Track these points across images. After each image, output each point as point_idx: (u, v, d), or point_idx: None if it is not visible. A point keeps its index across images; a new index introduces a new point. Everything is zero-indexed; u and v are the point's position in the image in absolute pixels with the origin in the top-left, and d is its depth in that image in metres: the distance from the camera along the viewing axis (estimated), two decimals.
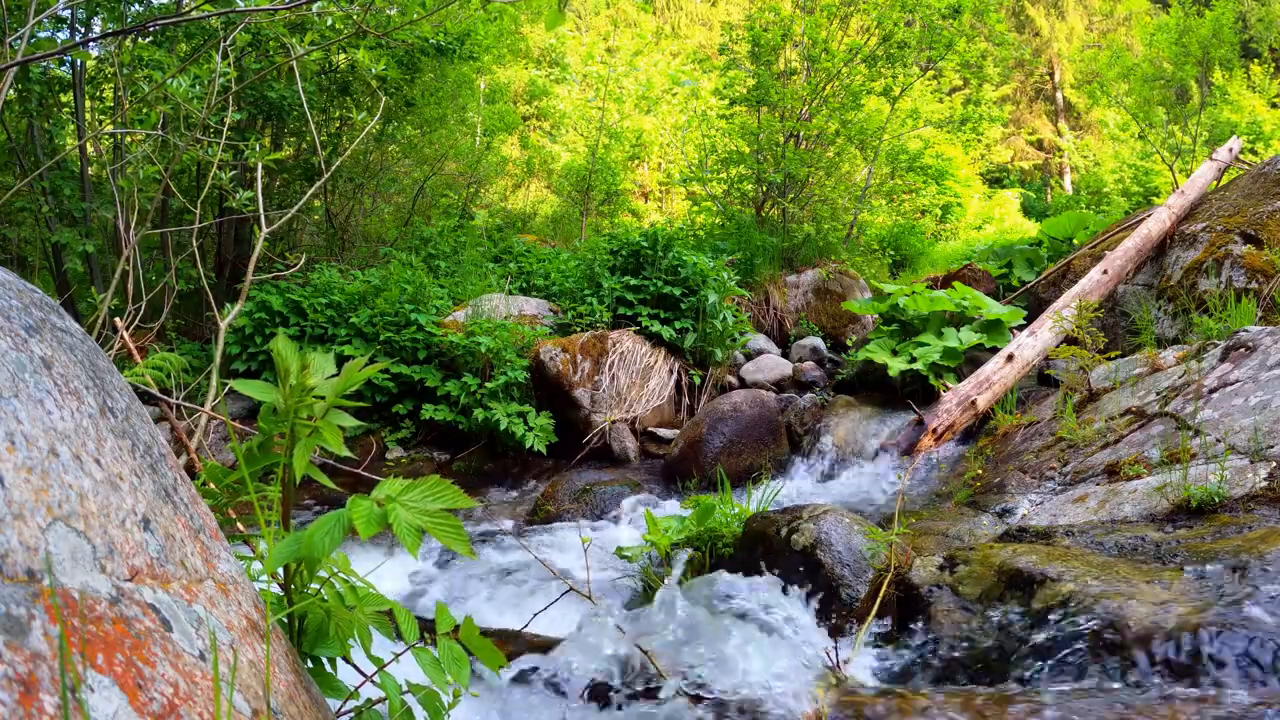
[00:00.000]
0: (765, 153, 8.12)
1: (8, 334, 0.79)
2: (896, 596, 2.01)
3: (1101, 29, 21.37)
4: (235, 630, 0.87)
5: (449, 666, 1.10)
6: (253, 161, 3.26)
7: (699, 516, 2.73)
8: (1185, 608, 1.52)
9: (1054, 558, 1.86)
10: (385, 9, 4.25)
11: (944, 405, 4.29)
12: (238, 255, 6.83)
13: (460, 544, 1.04)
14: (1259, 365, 3.17)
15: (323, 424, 1.10)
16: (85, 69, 5.83)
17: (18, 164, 5.79)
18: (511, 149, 12.46)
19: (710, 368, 5.67)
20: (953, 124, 10.63)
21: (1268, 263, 4.70)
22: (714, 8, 22.51)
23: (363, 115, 6.52)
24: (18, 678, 0.56)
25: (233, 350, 5.28)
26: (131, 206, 3.34)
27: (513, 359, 4.99)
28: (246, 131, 6.06)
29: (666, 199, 15.36)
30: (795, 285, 7.36)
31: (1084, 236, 7.49)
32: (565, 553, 3.19)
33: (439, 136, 8.08)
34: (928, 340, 5.20)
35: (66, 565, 0.68)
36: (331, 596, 1.10)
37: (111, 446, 0.83)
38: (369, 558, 3.12)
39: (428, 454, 5.07)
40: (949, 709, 1.45)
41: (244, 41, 5.48)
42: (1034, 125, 22.60)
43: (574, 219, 11.18)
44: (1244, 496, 2.26)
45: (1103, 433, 3.38)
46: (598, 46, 15.96)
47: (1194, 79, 9.97)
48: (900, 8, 7.92)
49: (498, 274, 6.88)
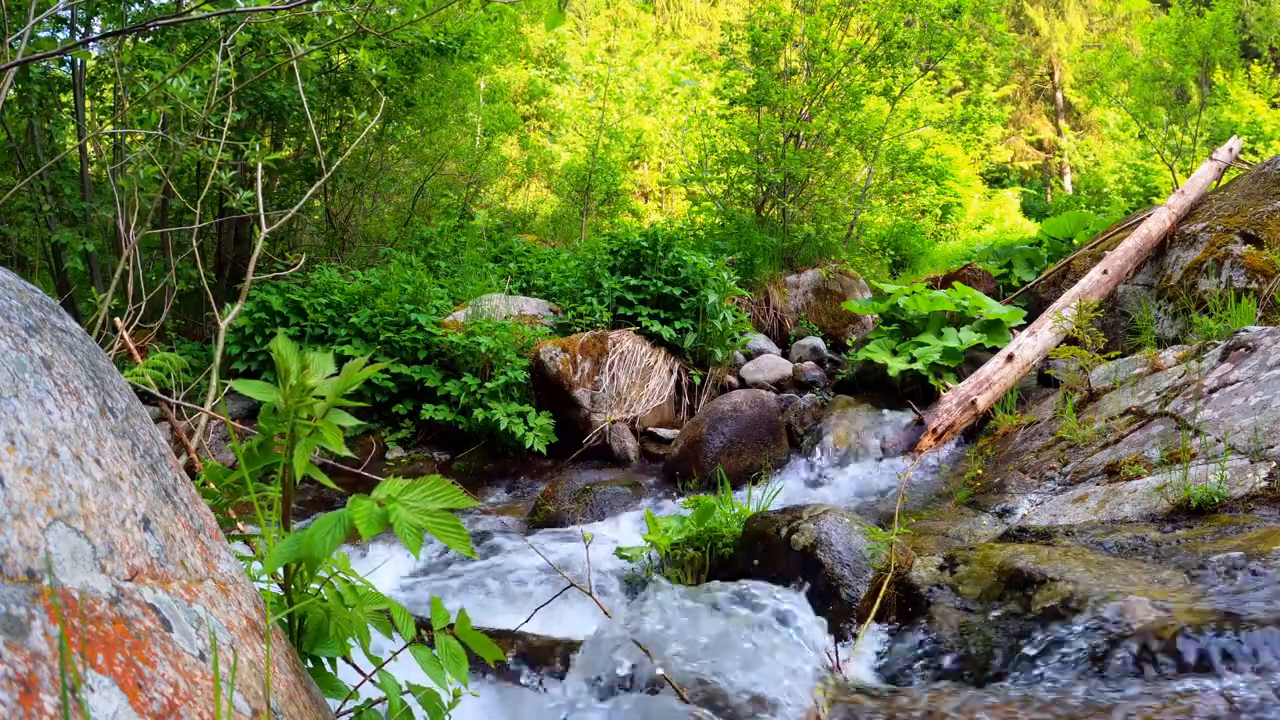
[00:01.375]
0: (765, 153, 8.12)
1: (8, 334, 0.79)
2: (897, 596, 2.01)
3: (1101, 29, 21.37)
4: (235, 630, 0.87)
5: (448, 664, 1.10)
6: (253, 161, 3.26)
7: (699, 516, 2.73)
8: (1185, 607, 1.52)
9: (1054, 558, 1.86)
10: (385, 9, 4.24)
11: (944, 405, 4.29)
12: (238, 255, 6.83)
13: (461, 543, 1.04)
14: (1259, 365, 3.17)
15: (323, 424, 1.10)
16: (85, 69, 5.83)
17: (18, 164, 5.79)
18: (511, 149, 12.46)
19: (710, 368, 5.67)
20: (953, 124, 10.63)
21: (1268, 263, 4.70)
22: (714, 8, 22.51)
23: (363, 115, 6.52)
24: (18, 678, 0.56)
25: (233, 350, 5.28)
26: (131, 206, 3.34)
27: (513, 359, 4.99)
28: (246, 131, 6.06)
29: (666, 199, 15.36)
30: (795, 285, 7.36)
31: (1084, 236, 7.49)
32: (565, 552, 3.19)
33: (439, 136, 8.08)
34: (928, 340, 5.20)
35: (66, 565, 0.68)
36: (331, 596, 1.10)
37: (111, 446, 0.83)
38: (370, 558, 3.12)
39: (428, 454, 5.07)
40: (949, 709, 1.45)
41: (244, 41, 5.48)
42: (1034, 125, 22.60)
43: (574, 219, 11.18)
44: (1244, 496, 2.26)
45: (1103, 433, 3.38)
46: (598, 46, 15.96)
47: (1194, 79, 9.97)
48: (900, 8, 7.92)
49: (498, 274, 6.88)
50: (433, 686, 1.09)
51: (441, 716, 1.10)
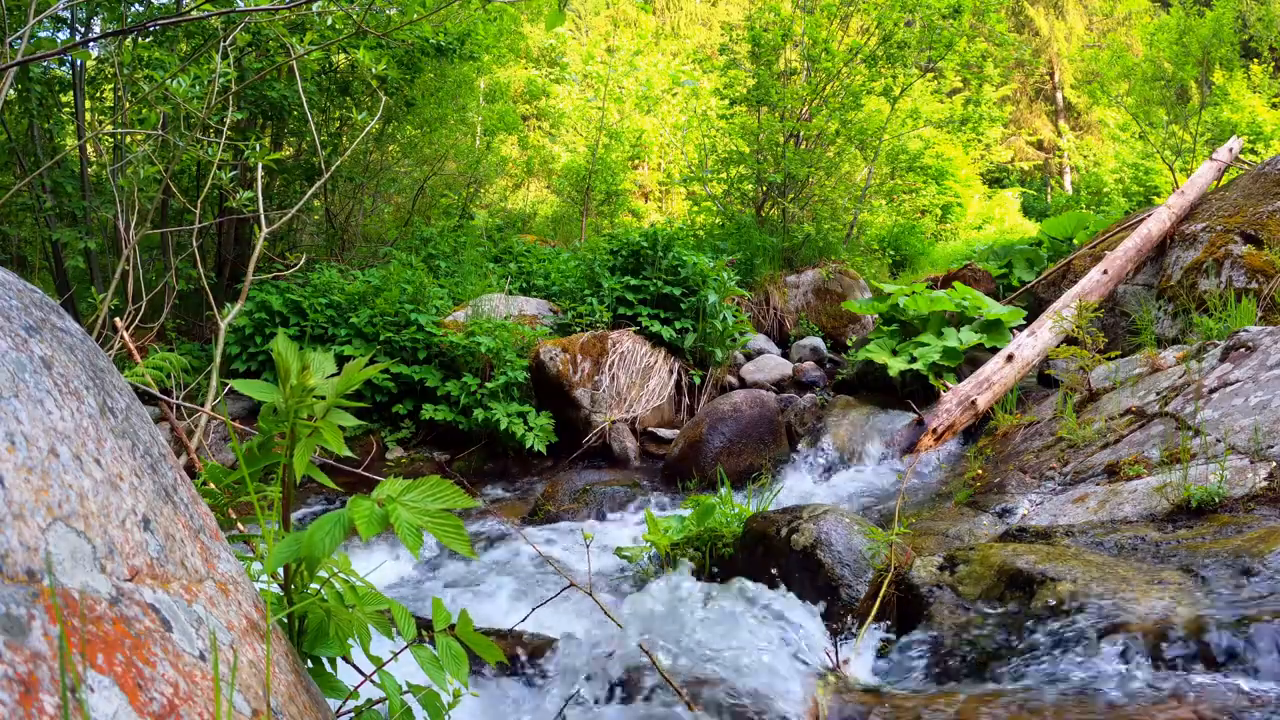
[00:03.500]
0: (765, 153, 8.12)
1: (8, 334, 0.79)
2: (897, 596, 2.01)
3: (1101, 29, 21.37)
4: (235, 630, 0.87)
5: (448, 664, 1.10)
6: (253, 161, 3.26)
7: (699, 516, 2.73)
8: (1185, 607, 1.52)
9: (1054, 558, 1.86)
10: (385, 9, 4.25)
11: (944, 405, 4.29)
12: (238, 255, 6.83)
13: (461, 543, 1.04)
14: (1259, 365, 3.17)
15: (323, 424, 1.10)
16: (85, 69, 5.83)
17: (18, 164, 5.79)
18: (511, 149, 12.46)
19: (710, 368, 5.67)
20: (953, 124, 10.63)
21: (1268, 263, 4.70)
22: (714, 8, 22.52)
23: (363, 115, 6.52)
24: (18, 678, 0.56)
25: (233, 350, 5.28)
26: (131, 206, 3.34)
27: (513, 359, 4.99)
28: (247, 131, 6.06)
29: (666, 199, 15.37)
30: (795, 285, 7.36)
31: (1084, 236, 7.49)
32: (565, 552, 3.19)
33: (439, 136, 8.09)
34: (928, 340, 5.20)
35: (66, 565, 0.68)
36: (331, 596, 1.10)
37: (111, 446, 0.83)
38: (369, 558, 3.12)
39: (428, 454, 5.07)
40: (949, 709, 1.45)
41: (244, 41, 5.48)
42: (1034, 125, 22.60)
43: (574, 219, 11.19)
44: (1244, 496, 2.26)
45: (1103, 433, 3.38)
46: (597, 46, 15.95)
47: (1194, 79, 9.96)
48: (900, 8, 7.92)
49: (498, 274, 6.88)
50: (433, 687, 1.09)
51: (441, 716, 1.10)
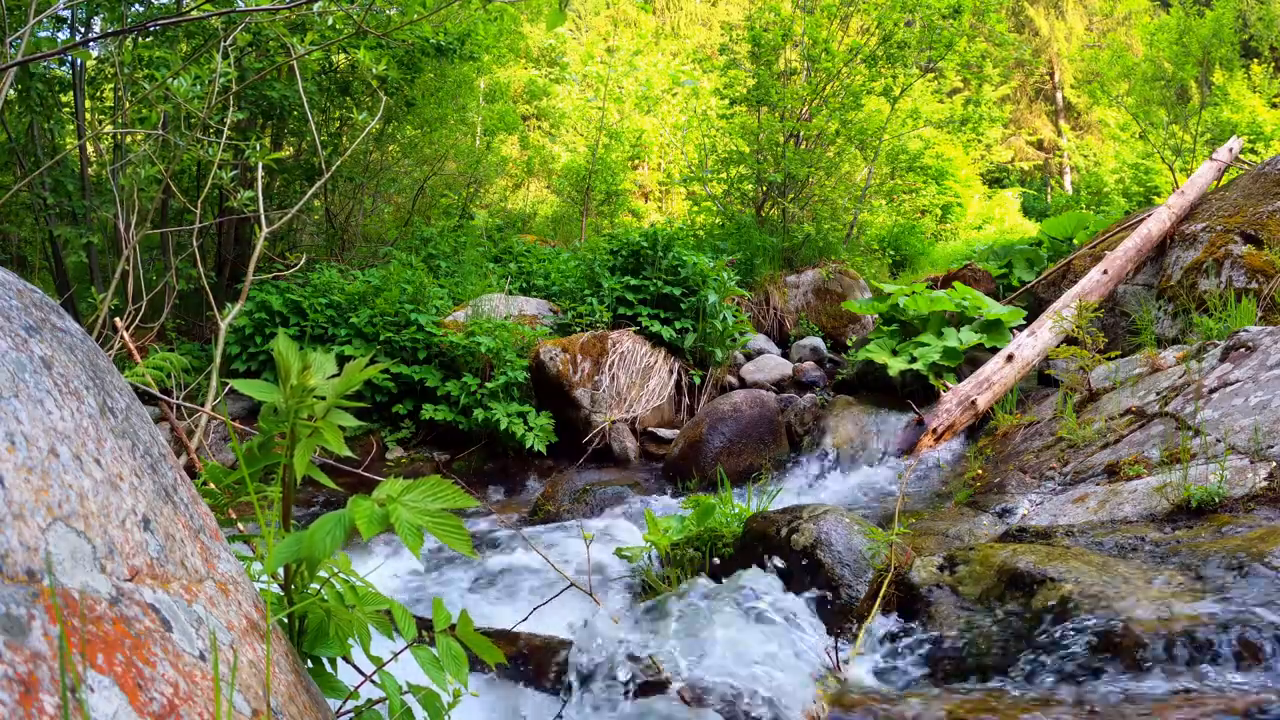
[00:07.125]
0: (765, 153, 8.12)
1: (8, 334, 0.79)
2: (897, 596, 2.01)
3: (1101, 29, 21.37)
4: (235, 630, 0.87)
5: (448, 664, 1.10)
6: (253, 161, 3.26)
7: (699, 516, 2.73)
8: (1185, 607, 1.52)
9: (1054, 558, 1.86)
10: (385, 9, 4.24)
11: (944, 405, 4.29)
12: (238, 255, 6.83)
13: (461, 543, 1.04)
14: (1259, 365, 3.17)
15: (323, 424, 1.10)
16: (85, 69, 5.83)
17: (18, 163, 5.79)
18: (511, 149, 12.46)
19: (710, 368, 5.67)
20: (953, 124, 10.63)
21: (1268, 263, 4.70)
22: (714, 8, 22.51)
23: (363, 115, 6.52)
24: (18, 678, 0.56)
25: (233, 350, 5.28)
26: (132, 206, 3.34)
27: (513, 359, 4.99)
28: (247, 131, 6.06)
29: (666, 199, 15.37)
30: (795, 285, 7.36)
31: (1084, 236, 7.49)
32: (565, 552, 3.19)
33: (439, 136, 8.09)
34: (928, 340, 5.20)
35: (66, 565, 0.68)
36: (331, 596, 1.10)
37: (111, 446, 0.83)
38: (369, 558, 3.12)
39: (428, 454, 5.07)
40: (949, 709, 1.45)
41: (244, 41, 5.48)
42: (1034, 125, 22.60)
43: (574, 219, 11.19)
44: (1244, 496, 2.26)
45: (1103, 433, 3.38)
46: (597, 46, 15.95)
47: (1194, 79, 9.96)
48: (900, 8, 7.92)
49: (498, 274, 6.88)
50: (433, 687, 1.09)
51: (441, 717, 1.10)
